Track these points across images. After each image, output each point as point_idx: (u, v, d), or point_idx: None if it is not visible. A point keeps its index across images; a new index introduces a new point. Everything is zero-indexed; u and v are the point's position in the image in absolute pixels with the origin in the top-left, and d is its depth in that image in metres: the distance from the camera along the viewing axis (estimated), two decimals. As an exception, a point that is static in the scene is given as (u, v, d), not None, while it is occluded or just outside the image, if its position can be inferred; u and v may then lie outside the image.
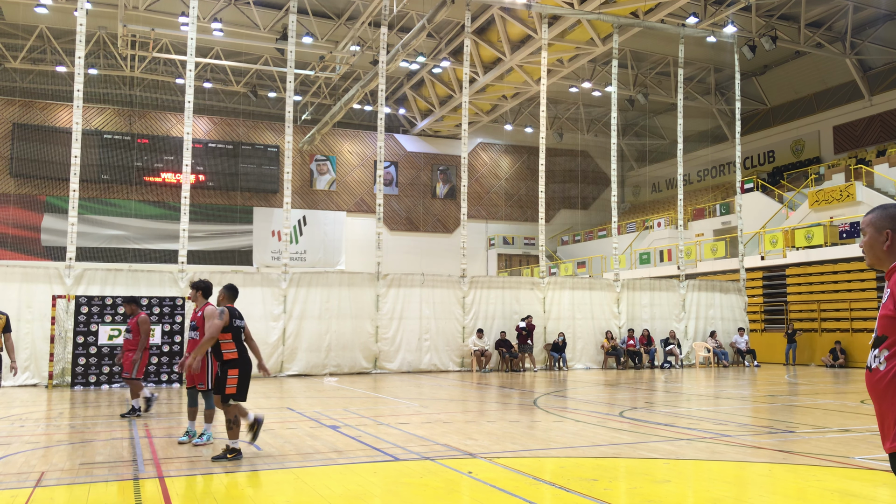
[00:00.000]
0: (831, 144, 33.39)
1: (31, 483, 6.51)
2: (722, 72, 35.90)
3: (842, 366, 22.89)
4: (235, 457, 7.46)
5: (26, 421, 10.82)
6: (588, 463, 7.48)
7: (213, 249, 35.78)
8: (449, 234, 41.00)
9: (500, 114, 39.29)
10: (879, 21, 30.19)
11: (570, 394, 15.52)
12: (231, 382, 7.55)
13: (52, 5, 26.92)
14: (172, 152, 34.85)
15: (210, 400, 8.51)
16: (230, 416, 7.56)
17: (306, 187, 38.79)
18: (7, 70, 33.80)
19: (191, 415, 8.70)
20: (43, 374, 16.49)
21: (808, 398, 14.14)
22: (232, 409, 7.58)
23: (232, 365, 7.58)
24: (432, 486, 6.42)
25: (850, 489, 6.30)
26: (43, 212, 33.72)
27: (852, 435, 9.27)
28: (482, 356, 21.19)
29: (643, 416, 11.35)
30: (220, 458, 7.43)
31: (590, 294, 23.41)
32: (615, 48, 24.90)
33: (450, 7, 25.12)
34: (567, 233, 43.39)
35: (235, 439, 7.55)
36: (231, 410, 7.58)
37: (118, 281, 17.46)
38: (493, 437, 9.13)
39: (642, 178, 45.23)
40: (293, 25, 20.92)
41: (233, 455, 7.44)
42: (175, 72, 34.76)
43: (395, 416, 11.26)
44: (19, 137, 33.69)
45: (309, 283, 19.66)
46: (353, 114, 39.77)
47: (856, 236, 24.11)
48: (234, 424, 7.52)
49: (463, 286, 21.61)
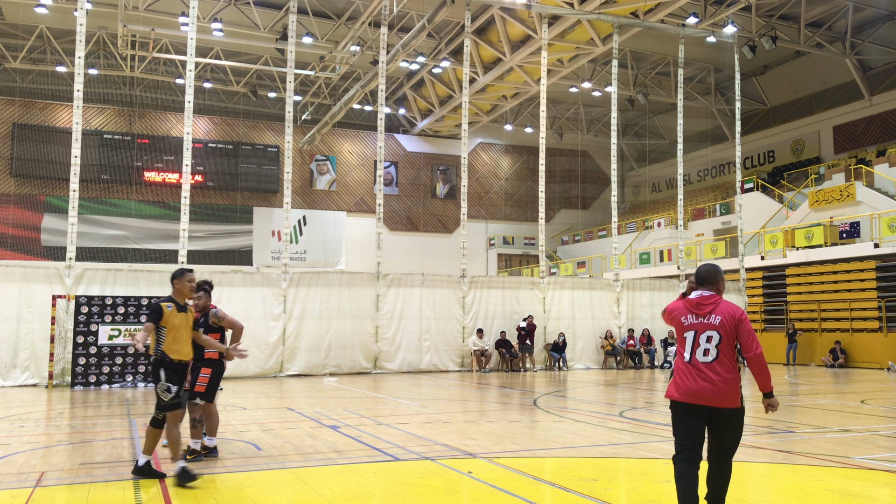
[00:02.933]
0: (831, 144, 33.39)
1: (31, 483, 6.51)
2: (722, 72, 35.89)
3: (842, 366, 22.89)
4: (196, 458, 7.49)
5: (26, 421, 10.82)
6: (588, 463, 7.48)
7: (213, 249, 35.77)
8: (449, 234, 41.00)
9: (500, 114, 39.28)
10: (879, 21, 30.18)
11: (570, 394, 15.52)
12: (202, 381, 7.67)
13: (52, 5, 26.92)
14: (172, 152, 34.84)
15: None
16: (195, 415, 7.65)
17: (306, 187, 38.80)
18: (7, 70, 33.80)
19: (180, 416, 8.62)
20: (43, 374, 16.48)
21: (808, 398, 14.14)
22: (198, 408, 7.63)
23: (208, 364, 7.70)
24: (432, 486, 6.42)
25: (850, 489, 6.30)
26: (43, 212, 33.72)
27: (852, 435, 9.26)
28: (482, 356, 21.19)
29: (643, 416, 11.35)
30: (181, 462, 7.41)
31: (590, 294, 23.41)
32: (615, 48, 24.89)
33: (450, 7, 25.12)
34: (567, 233, 43.39)
35: (197, 439, 7.65)
36: (197, 409, 7.63)
37: (118, 281, 17.46)
38: (494, 437, 9.13)
39: (642, 178, 45.23)
40: (293, 25, 20.91)
41: (192, 456, 7.45)
42: (175, 72, 34.76)
43: (395, 416, 11.26)
44: (19, 137, 33.69)
45: (309, 283, 19.66)
46: (353, 114, 39.76)
47: (856, 236, 24.13)
48: (197, 423, 7.64)
49: (463, 286, 21.61)
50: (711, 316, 4.96)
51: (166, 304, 6.84)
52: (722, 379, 4.84)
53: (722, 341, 4.90)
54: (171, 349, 6.77)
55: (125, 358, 16.33)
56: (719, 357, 4.88)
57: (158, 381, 6.73)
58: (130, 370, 16.36)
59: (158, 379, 6.74)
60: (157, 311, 6.79)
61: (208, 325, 7.74)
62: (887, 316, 22.51)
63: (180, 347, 6.82)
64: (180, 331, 6.85)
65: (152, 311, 6.84)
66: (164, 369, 6.74)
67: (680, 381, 4.99)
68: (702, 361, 4.91)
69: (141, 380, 16.37)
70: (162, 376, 6.71)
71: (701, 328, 4.97)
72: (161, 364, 6.77)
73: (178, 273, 7.10)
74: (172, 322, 6.81)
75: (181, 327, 6.86)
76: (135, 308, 16.50)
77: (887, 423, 10.78)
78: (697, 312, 5.03)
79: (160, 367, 6.76)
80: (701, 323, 4.99)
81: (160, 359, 6.78)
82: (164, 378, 6.70)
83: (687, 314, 5.08)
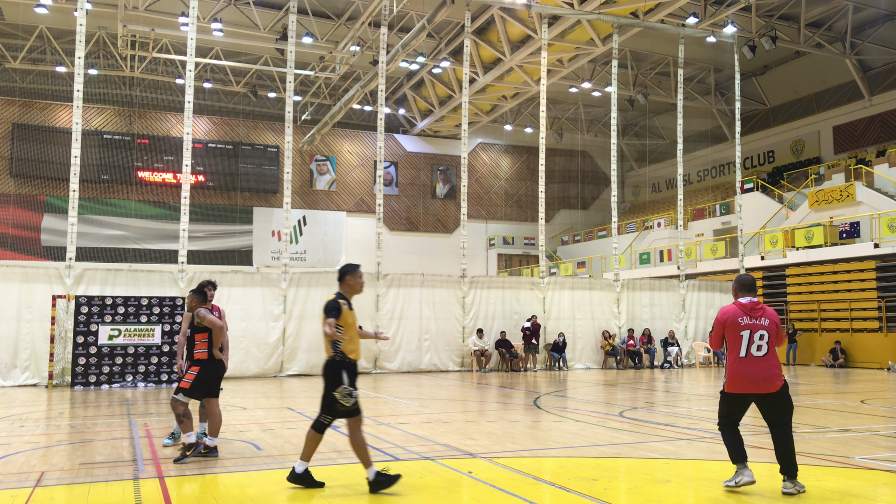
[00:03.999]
0: (831, 144, 33.40)
1: (31, 483, 6.51)
2: (722, 72, 35.89)
3: (842, 366, 22.90)
4: (195, 451, 7.51)
5: (26, 421, 10.82)
6: (588, 463, 7.48)
7: (213, 249, 35.78)
8: (449, 234, 41.00)
9: (500, 114, 39.28)
10: (879, 21, 30.18)
11: (570, 394, 15.52)
12: (189, 378, 7.66)
13: (52, 5, 26.92)
14: (172, 152, 34.84)
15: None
16: (178, 411, 7.60)
17: (306, 187, 38.80)
18: (7, 70, 33.80)
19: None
20: (43, 374, 16.49)
21: (808, 398, 14.14)
22: (180, 404, 7.60)
23: (197, 363, 7.72)
24: (432, 486, 6.42)
25: (850, 489, 6.30)
26: (43, 212, 33.72)
27: (852, 435, 9.27)
28: (482, 356, 21.20)
29: (643, 416, 11.35)
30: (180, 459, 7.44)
31: (590, 294, 23.41)
32: (615, 48, 24.90)
33: (450, 7, 25.12)
34: (567, 233, 43.39)
35: (189, 432, 7.59)
36: (179, 405, 7.59)
37: (118, 281, 17.47)
38: (493, 436, 9.13)
39: (642, 178, 45.23)
40: (293, 25, 20.92)
41: (191, 451, 7.48)
42: (175, 72, 34.76)
43: (395, 415, 11.26)
44: (19, 137, 33.68)
45: (309, 283, 19.66)
46: (353, 114, 39.76)
47: (856, 236, 24.13)
48: (184, 418, 7.60)
49: (463, 286, 21.61)
50: (762, 318, 6.08)
51: (342, 302, 6.32)
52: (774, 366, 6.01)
53: (770, 338, 6.04)
54: (348, 349, 6.27)
55: (125, 358, 16.34)
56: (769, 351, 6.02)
57: (339, 385, 6.13)
58: (130, 370, 16.37)
59: (339, 382, 6.13)
60: (336, 308, 6.25)
61: (194, 325, 7.85)
62: (887, 316, 22.51)
63: (356, 347, 6.35)
64: (353, 329, 6.37)
65: (332, 308, 6.26)
66: (346, 371, 6.18)
67: (740, 373, 6.02)
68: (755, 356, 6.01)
69: (141, 380, 16.38)
70: (344, 379, 6.13)
71: (755, 328, 6.05)
72: (343, 366, 6.20)
73: (349, 268, 6.59)
74: (347, 320, 6.31)
75: (353, 325, 6.38)
76: (135, 308, 16.50)
77: (887, 423, 10.78)
78: (752, 315, 6.09)
79: (342, 370, 6.18)
80: (754, 324, 6.06)
81: (341, 360, 6.22)
82: (347, 381, 6.13)
83: (742, 316, 6.11)
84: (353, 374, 6.22)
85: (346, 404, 6.12)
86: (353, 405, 6.15)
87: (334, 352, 6.23)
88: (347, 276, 6.55)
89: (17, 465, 7.35)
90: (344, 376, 6.14)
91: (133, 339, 16.40)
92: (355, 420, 6.21)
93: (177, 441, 8.45)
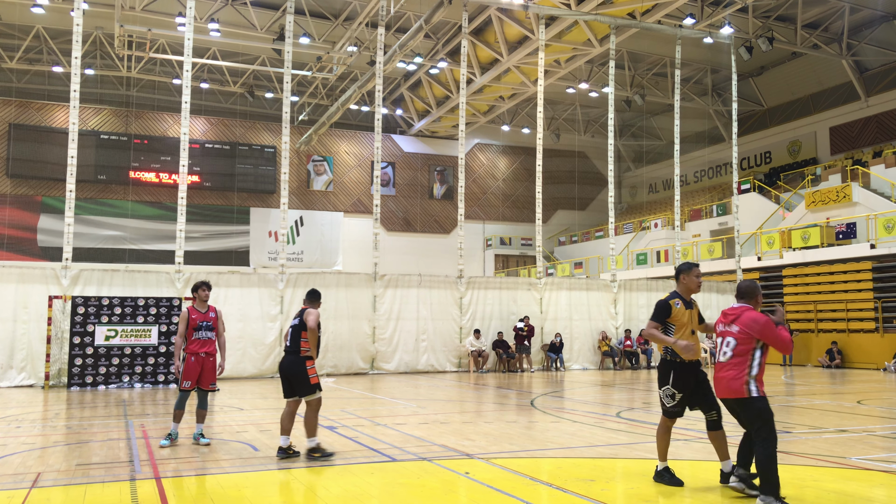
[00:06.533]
0: (828, 145, 33.46)
1: (28, 484, 6.50)
2: (719, 73, 35.94)
3: (838, 366, 22.94)
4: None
5: (23, 422, 10.80)
6: (585, 463, 7.48)
7: (209, 250, 35.75)
8: (446, 234, 40.99)
9: (498, 114, 39.30)
10: (876, 22, 30.25)
11: (567, 394, 15.53)
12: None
13: (49, 5, 26.87)
14: (169, 153, 34.79)
15: (205, 400, 8.60)
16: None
17: (303, 188, 38.77)
18: (3, 70, 33.72)
19: (176, 417, 8.61)
20: (39, 374, 16.45)
21: (804, 398, 14.17)
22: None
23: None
24: (429, 487, 6.42)
25: (847, 489, 6.31)
26: (39, 212, 33.66)
27: (849, 435, 9.28)
28: (479, 357, 21.19)
29: (640, 417, 11.37)
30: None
31: (587, 295, 23.42)
32: (612, 49, 24.93)
33: (447, 8, 25.11)
34: (564, 233, 43.41)
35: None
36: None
37: (115, 281, 17.44)
38: (491, 437, 9.14)
39: (639, 178, 45.28)
40: (290, 26, 20.91)
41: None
42: (172, 72, 34.72)
43: (393, 416, 11.25)
44: (15, 138, 33.61)
45: (306, 283, 19.62)
46: (350, 114, 39.75)
47: (852, 237, 24.18)
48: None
49: (460, 287, 21.61)
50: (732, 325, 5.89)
51: (674, 302, 6.26)
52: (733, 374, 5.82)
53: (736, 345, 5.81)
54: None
55: (122, 359, 16.30)
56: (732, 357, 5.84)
57: (665, 385, 6.17)
58: (127, 371, 16.33)
59: (665, 381, 6.17)
60: (664, 308, 6.22)
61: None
62: (883, 317, 22.56)
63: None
64: (688, 329, 6.24)
65: (660, 309, 6.23)
66: (675, 371, 6.15)
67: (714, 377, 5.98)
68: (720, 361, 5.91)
69: (137, 380, 16.35)
70: (670, 379, 6.13)
71: (724, 334, 5.93)
72: (672, 365, 6.18)
73: (684, 267, 6.46)
74: (681, 319, 6.22)
75: (689, 325, 6.25)
76: (131, 309, 16.47)
77: (884, 424, 10.81)
78: (724, 321, 5.97)
79: (671, 369, 6.18)
80: (725, 330, 5.93)
81: (671, 359, 6.19)
82: (672, 381, 6.13)
83: (720, 322, 6.04)
84: (682, 374, 6.19)
85: (665, 404, 6.25)
86: (671, 407, 6.26)
87: (664, 350, 6.24)
88: (682, 275, 6.45)
89: (13, 466, 7.33)
90: (671, 376, 6.21)
91: (130, 339, 16.36)
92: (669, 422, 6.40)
93: (173, 442, 8.44)
